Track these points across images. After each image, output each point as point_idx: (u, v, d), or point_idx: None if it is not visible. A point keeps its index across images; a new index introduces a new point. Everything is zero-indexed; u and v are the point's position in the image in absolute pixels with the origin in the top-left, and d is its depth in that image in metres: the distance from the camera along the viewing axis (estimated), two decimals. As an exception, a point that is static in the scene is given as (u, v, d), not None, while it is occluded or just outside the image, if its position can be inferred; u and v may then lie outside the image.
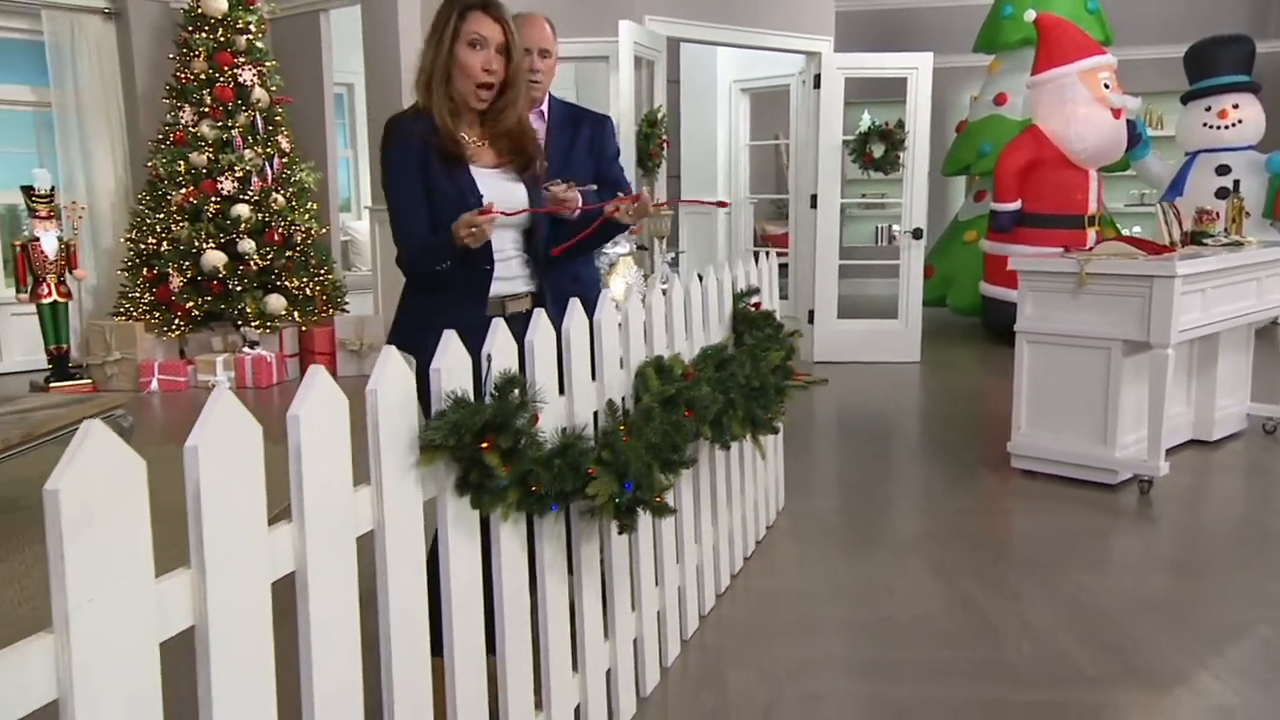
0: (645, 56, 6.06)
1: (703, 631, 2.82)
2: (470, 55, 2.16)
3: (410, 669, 1.49)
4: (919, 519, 3.80)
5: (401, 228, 2.19)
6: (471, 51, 2.16)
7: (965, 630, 2.81)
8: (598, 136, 2.98)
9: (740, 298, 3.16)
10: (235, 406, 1.10)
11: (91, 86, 7.14)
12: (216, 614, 1.10)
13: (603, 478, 1.84)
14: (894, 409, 5.83)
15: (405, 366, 1.46)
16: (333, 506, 1.29)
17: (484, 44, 2.17)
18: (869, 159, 7.17)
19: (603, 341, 2.16)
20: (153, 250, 6.44)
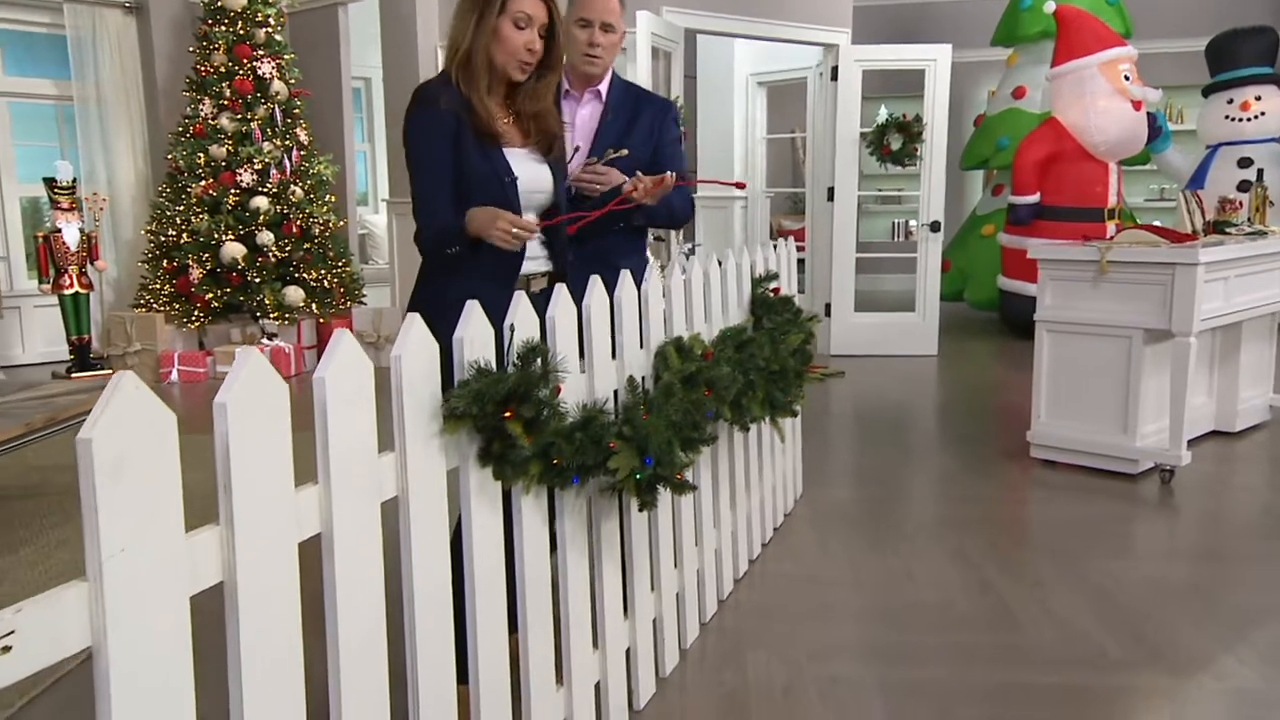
0: (663, 48, 6.05)
1: (721, 615, 2.82)
2: (514, 33, 2.11)
3: (434, 637, 1.50)
4: (938, 508, 3.79)
5: (424, 203, 2.14)
6: (515, 30, 2.11)
7: (986, 616, 2.80)
8: (658, 122, 2.77)
9: (759, 283, 3.16)
10: (264, 366, 1.11)
11: (112, 80, 7.19)
12: (245, 571, 1.11)
13: (624, 452, 1.84)
14: (911, 401, 5.81)
15: (429, 334, 1.46)
16: (358, 470, 1.29)
17: (529, 24, 2.12)
18: (886, 151, 7.15)
19: (623, 319, 2.16)
20: (173, 242, 6.48)
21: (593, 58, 2.63)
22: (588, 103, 2.73)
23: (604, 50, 2.63)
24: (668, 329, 2.43)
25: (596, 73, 2.67)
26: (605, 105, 2.72)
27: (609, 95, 2.73)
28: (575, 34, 2.63)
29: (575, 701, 2.00)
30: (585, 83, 2.70)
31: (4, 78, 7.15)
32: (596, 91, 2.72)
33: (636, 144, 2.69)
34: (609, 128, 2.70)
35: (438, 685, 1.51)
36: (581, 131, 2.72)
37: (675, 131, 2.84)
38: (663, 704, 2.34)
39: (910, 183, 9.14)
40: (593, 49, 2.62)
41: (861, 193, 10.65)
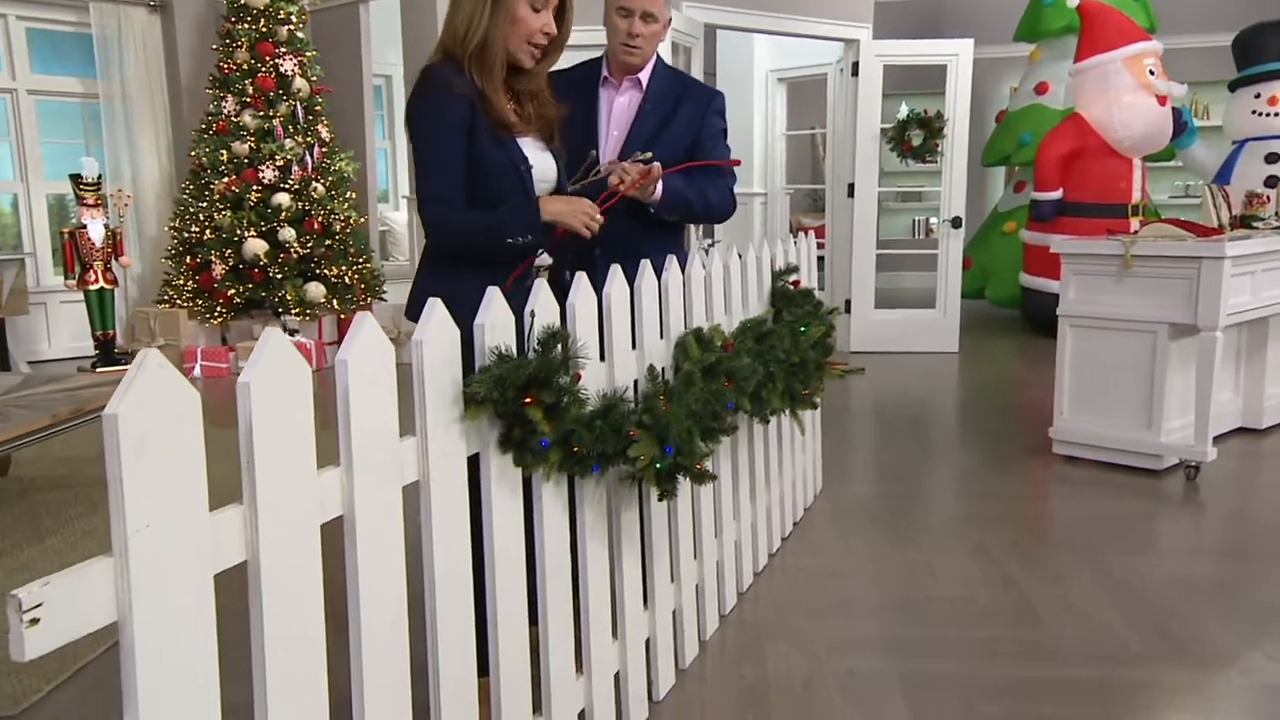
0: (682, 43, 6.05)
1: (741, 607, 2.81)
2: (530, 16, 2.06)
3: (455, 621, 1.50)
4: (959, 503, 3.76)
5: (437, 192, 2.03)
6: (532, 14, 2.06)
7: (1008, 611, 2.78)
8: (700, 113, 2.66)
9: (779, 276, 3.15)
10: (286, 346, 1.11)
11: (137, 77, 7.26)
12: (268, 550, 1.11)
13: (644, 441, 1.84)
14: (932, 398, 5.78)
15: (450, 319, 1.46)
16: (379, 452, 1.29)
17: (545, 5, 2.07)
18: (907, 147, 7.11)
19: (643, 308, 2.16)
20: (196, 238, 6.53)
21: (631, 48, 2.56)
22: (626, 91, 2.66)
23: (644, 40, 2.55)
24: (688, 320, 2.42)
25: (636, 63, 2.61)
26: (645, 94, 2.64)
27: (650, 84, 2.65)
28: (615, 22, 2.56)
29: (595, 692, 2.00)
30: (625, 70, 2.63)
31: (31, 76, 7.23)
32: (636, 80, 2.65)
33: (676, 135, 2.63)
34: (647, 118, 2.63)
35: (458, 673, 1.52)
36: (617, 120, 2.66)
37: (719, 123, 2.74)
38: (682, 695, 2.33)
39: (931, 180, 9.09)
40: (632, 39, 2.54)
41: (882, 189, 10.64)
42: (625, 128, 2.63)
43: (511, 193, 2.09)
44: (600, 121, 2.65)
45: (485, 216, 2.05)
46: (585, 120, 2.64)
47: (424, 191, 2.05)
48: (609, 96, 2.66)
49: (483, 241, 2.05)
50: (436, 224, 2.06)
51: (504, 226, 2.03)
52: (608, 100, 2.66)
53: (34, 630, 0.87)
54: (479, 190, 2.07)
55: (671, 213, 2.54)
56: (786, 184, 8.68)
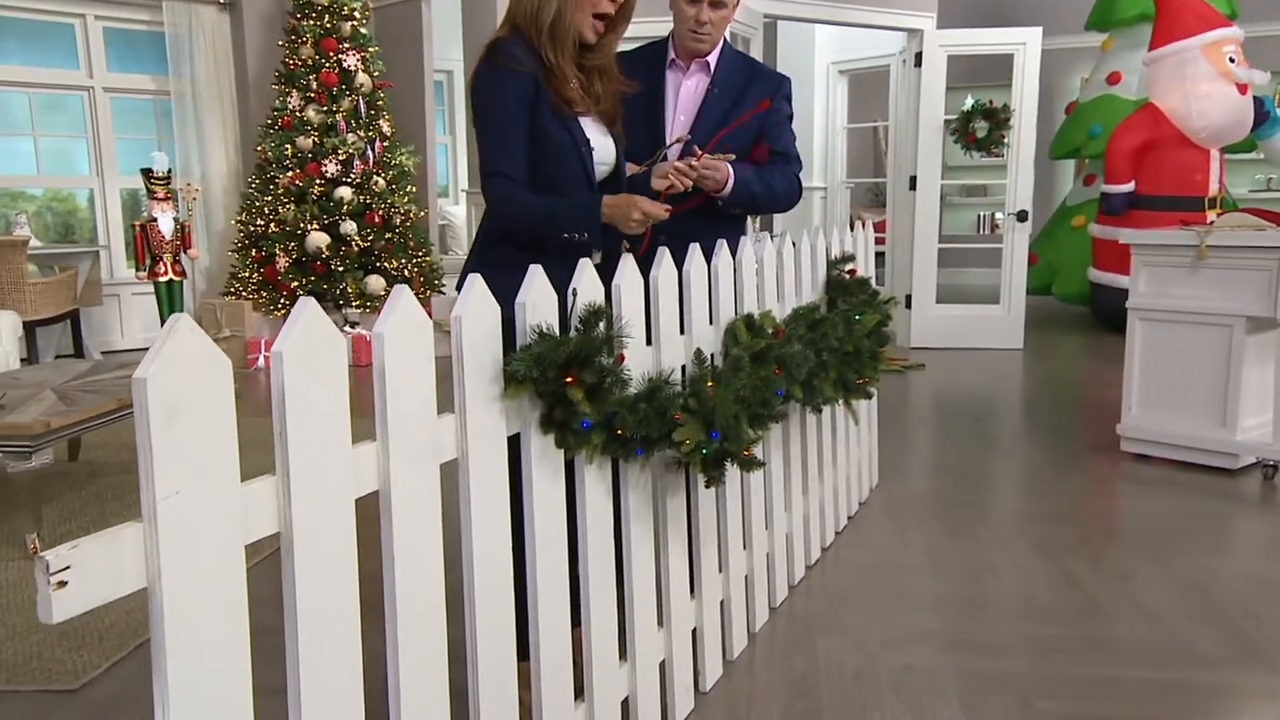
0: (741, 34, 5.99)
1: (791, 600, 2.76)
2: None
3: (494, 602, 1.48)
4: (1021, 500, 3.66)
5: (501, 169, 2.00)
6: None
7: (1071, 609, 2.69)
8: (767, 97, 2.60)
9: (835, 264, 3.09)
10: (320, 316, 1.11)
11: (206, 74, 7.41)
12: (301, 522, 1.10)
13: (690, 425, 1.81)
14: (995, 394, 5.65)
15: (490, 295, 1.45)
16: (416, 428, 1.28)
17: None
18: (972, 139, 6.97)
19: (691, 292, 2.13)
20: (261, 231, 6.65)
21: (699, 35, 2.52)
22: (694, 74, 2.63)
23: (712, 28, 2.52)
24: (738, 306, 2.38)
25: (705, 50, 2.57)
26: (712, 79, 2.61)
27: (717, 68, 2.62)
28: (682, 9, 2.53)
29: (639, 680, 1.97)
30: (692, 54, 2.60)
31: (107, 74, 7.42)
32: (704, 64, 2.61)
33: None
34: (714, 102, 2.59)
35: (498, 656, 1.50)
36: (685, 105, 2.63)
37: (785, 109, 2.69)
38: (730, 686, 2.30)
39: (996, 174, 8.89)
40: (700, 27, 2.50)
41: (947, 183, 10.44)
42: (692, 112, 2.61)
43: (572, 175, 2.06)
44: (666, 105, 2.62)
45: (549, 204, 2.03)
46: (650, 103, 2.61)
47: (488, 166, 2.02)
48: (676, 80, 2.63)
49: (540, 227, 2.03)
50: (499, 200, 2.03)
51: (563, 219, 2.01)
52: (674, 83, 2.63)
53: (61, 593, 0.88)
54: (539, 168, 2.04)
55: (738, 206, 2.49)
56: (847, 178, 8.56)
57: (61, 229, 7.84)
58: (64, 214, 7.86)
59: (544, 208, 2.02)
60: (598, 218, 2.03)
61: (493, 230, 2.11)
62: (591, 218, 2.03)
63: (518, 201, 2.02)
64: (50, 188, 7.77)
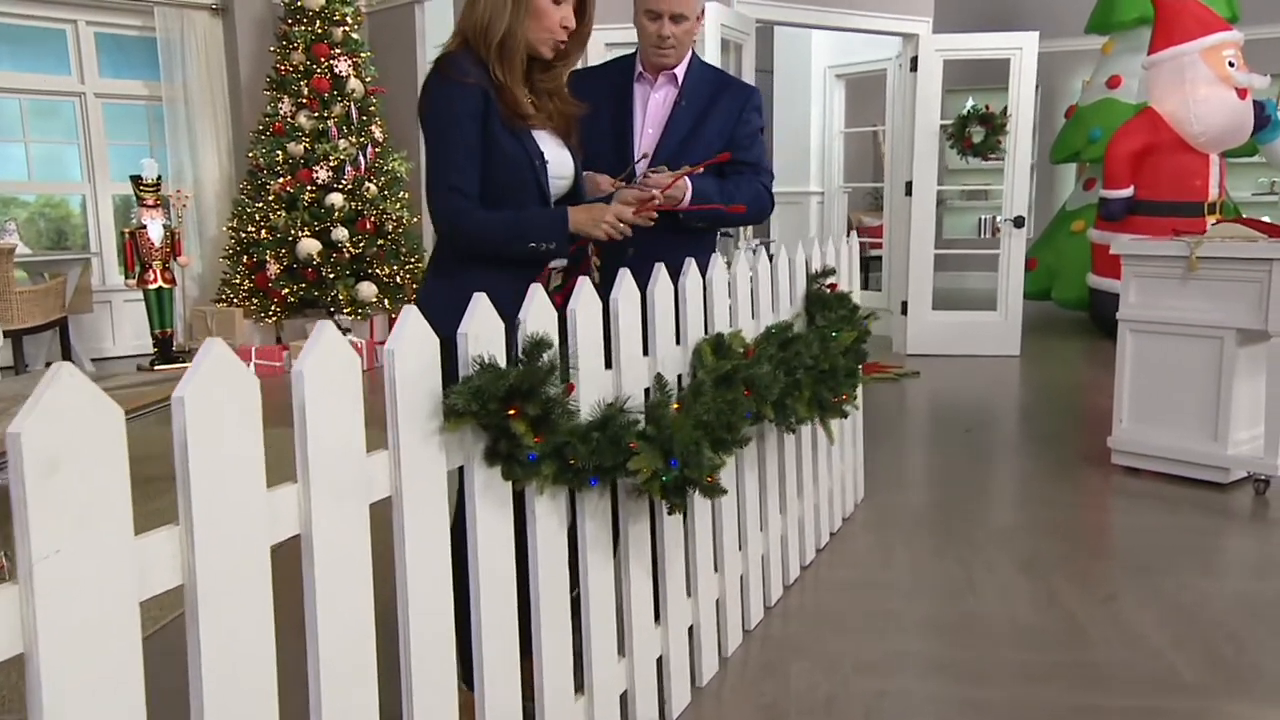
0: (733, 40, 5.94)
1: (768, 622, 2.71)
2: (551, 9, 1.99)
3: (431, 641, 1.44)
4: (1008, 514, 3.60)
5: (455, 184, 1.94)
6: (553, 6, 1.99)
7: (1052, 630, 2.64)
8: (736, 109, 2.57)
9: (815, 279, 3.04)
10: (228, 357, 1.06)
11: (199, 80, 7.38)
12: (207, 573, 1.06)
13: (646, 453, 1.76)
14: (989, 402, 5.59)
15: (426, 327, 1.40)
16: (341, 467, 1.24)
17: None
18: (968, 144, 6.91)
19: (655, 314, 2.08)
20: (252, 238, 6.61)
21: (663, 50, 2.50)
22: (661, 87, 2.59)
23: (676, 41, 2.48)
24: (709, 326, 2.34)
25: (670, 64, 2.54)
26: (680, 90, 2.57)
27: (685, 80, 2.58)
28: (645, 25, 2.49)
29: (597, 712, 1.92)
30: (658, 68, 2.57)
31: (99, 80, 7.40)
32: (672, 75, 2.57)
33: (710, 133, 2.55)
34: (682, 114, 2.55)
35: (435, 694, 1.45)
36: (652, 118, 2.59)
37: (756, 121, 2.65)
38: (697, 714, 2.25)
39: (997, 178, 8.84)
40: (663, 42, 2.47)
41: (946, 188, 10.38)
42: (660, 125, 2.57)
43: (525, 187, 2.02)
44: (635, 118, 2.58)
45: (510, 216, 1.99)
46: (618, 116, 2.57)
47: (439, 183, 1.97)
48: (644, 93, 2.60)
49: (503, 242, 1.98)
50: (454, 216, 1.97)
51: (529, 230, 1.98)
52: (642, 97, 2.59)
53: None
54: (491, 183, 2.00)
55: (700, 220, 2.45)
56: (844, 182, 8.50)
57: (54, 235, 7.82)
58: (57, 220, 7.84)
59: (505, 222, 1.98)
60: (564, 226, 1.99)
61: (448, 249, 2.06)
62: (558, 227, 1.99)
63: (476, 218, 1.97)
64: (43, 194, 7.75)
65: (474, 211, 1.97)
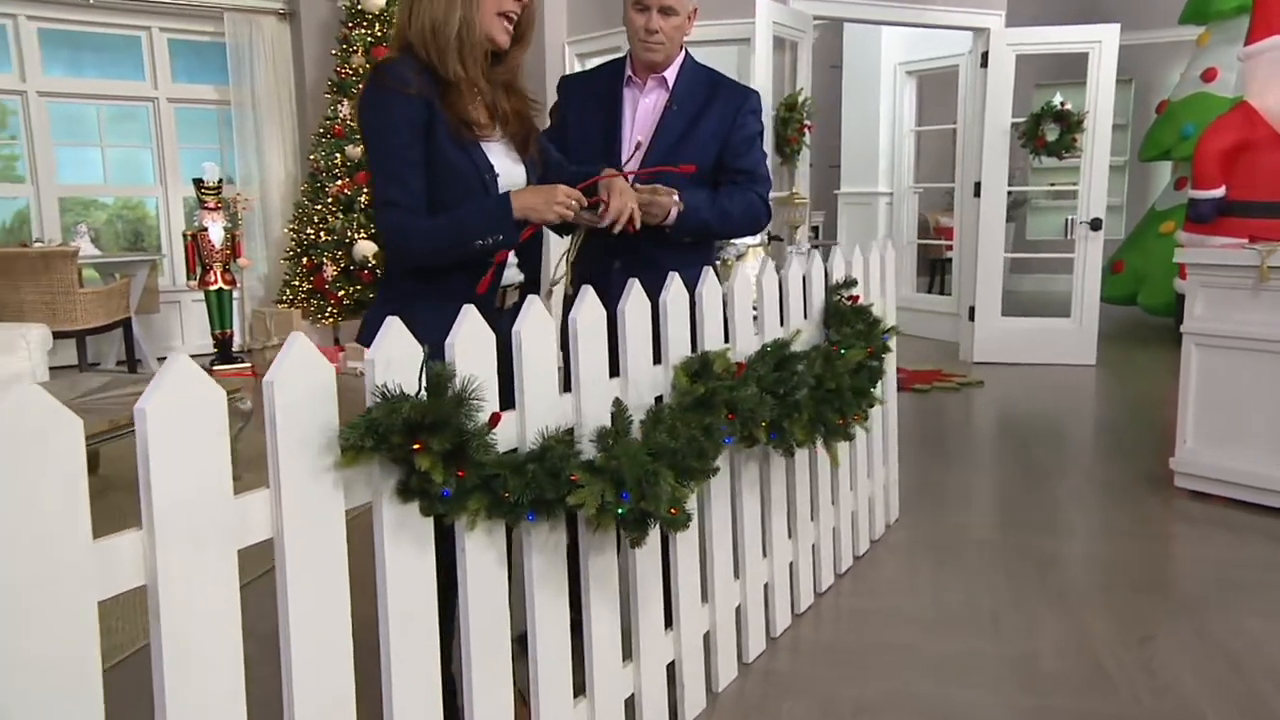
0: (788, 37, 5.75)
1: (770, 655, 2.56)
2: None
3: (323, 688, 1.35)
4: (1052, 540, 3.37)
5: (394, 198, 1.84)
6: None
7: (1073, 674, 2.43)
8: (730, 113, 2.44)
9: (835, 290, 2.88)
10: (34, 401, 0.98)
11: (265, 84, 7.50)
12: (9, 635, 0.98)
13: (592, 486, 1.64)
14: (1053, 415, 5.29)
15: (316, 354, 1.31)
16: (198, 511, 1.15)
17: None
18: (1040, 143, 6.57)
19: (626, 334, 1.96)
20: (311, 240, 6.69)
21: (650, 45, 2.36)
22: (651, 91, 2.45)
23: (664, 36, 2.35)
24: (699, 343, 2.21)
25: (658, 60, 2.40)
26: (670, 94, 2.43)
27: (676, 83, 2.44)
28: (632, 18, 2.36)
29: (549, 756, 1.82)
30: (649, 69, 2.43)
31: (171, 85, 7.58)
32: (662, 79, 2.44)
33: (703, 138, 2.41)
34: (672, 119, 2.41)
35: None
36: (641, 124, 2.45)
37: (752, 125, 2.49)
38: (674, 757, 2.12)
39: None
40: (650, 36, 2.34)
41: (1030, 188, 9.95)
42: (649, 131, 2.42)
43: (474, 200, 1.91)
44: (623, 124, 2.45)
45: (448, 218, 1.87)
46: (606, 122, 2.45)
47: (380, 196, 1.87)
48: (633, 98, 2.46)
49: (448, 248, 1.87)
50: (396, 232, 1.87)
51: (470, 227, 1.85)
52: (631, 102, 2.46)
53: None
54: (438, 197, 1.89)
55: (687, 234, 2.31)
56: (915, 182, 8.20)
57: (131, 237, 8.05)
58: (133, 222, 8.08)
59: (448, 226, 1.86)
60: (508, 214, 1.85)
61: (394, 265, 1.96)
62: (500, 216, 1.85)
63: (418, 230, 1.86)
64: (120, 197, 7.99)
65: (414, 223, 1.86)
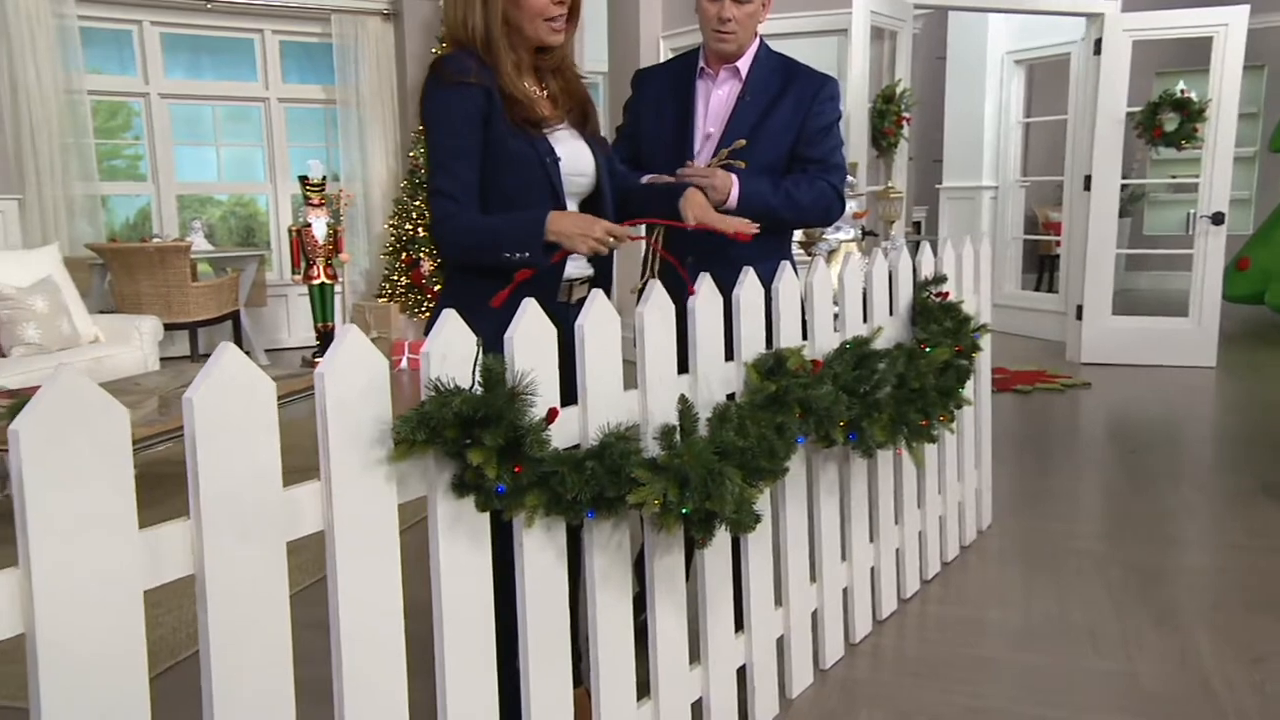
0: (887, 27, 5.60)
1: (848, 661, 2.49)
2: None
3: (377, 685, 1.35)
4: (1158, 552, 3.19)
5: (443, 188, 1.82)
6: None
7: (1177, 694, 2.29)
8: (806, 101, 2.35)
9: (923, 287, 2.78)
10: (71, 389, 0.99)
11: (369, 83, 7.68)
12: (47, 625, 1.00)
13: (653, 484, 1.61)
14: (1167, 419, 5.03)
15: (369, 346, 1.31)
16: (246, 502, 1.16)
17: None
18: (1158, 133, 6.25)
19: (696, 331, 1.92)
20: (409, 235, 6.82)
21: (723, 35, 2.29)
22: (724, 82, 2.39)
23: (738, 25, 2.28)
24: (774, 340, 2.15)
25: (731, 50, 2.34)
26: (744, 84, 2.37)
27: (749, 72, 2.38)
28: (704, 8, 2.30)
29: (611, 758, 1.79)
30: (722, 60, 2.37)
31: (282, 85, 7.83)
32: (735, 69, 2.37)
33: (777, 128, 2.34)
34: (745, 110, 2.35)
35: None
36: (714, 116, 2.40)
37: (828, 113, 2.40)
38: (742, 763, 2.08)
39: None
40: (723, 25, 2.27)
41: (1148, 181, 9.50)
42: (722, 123, 2.37)
43: (535, 188, 1.87)
44: (696, 117, 2.40)
45: (490, 222, 1.84)
46: (679, 116, 2.41)
47: (430, 187, 1.86)
48: (706, 89, 2.41)
49: (480, 251, 1.83)
50: (438, 223, 1.85)
51: (504, 237, 1.81)
52: (704, 94, 2.41)
53: None
54: (501, 186, 1.86)
55: (754, 222, 2.25)
56: (1022, 176, 7.91)
57: (243, 233, 8.36)
58: (246, 218, 8.38)
59: (482, 229, 1.83)
60: (539, 235, 1.79)
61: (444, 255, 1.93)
62: (531, 235, 1.79)
63: (458, 226, 1.83)
64: (234, 194, 8.30)
65: (458, 216, 1.83)
